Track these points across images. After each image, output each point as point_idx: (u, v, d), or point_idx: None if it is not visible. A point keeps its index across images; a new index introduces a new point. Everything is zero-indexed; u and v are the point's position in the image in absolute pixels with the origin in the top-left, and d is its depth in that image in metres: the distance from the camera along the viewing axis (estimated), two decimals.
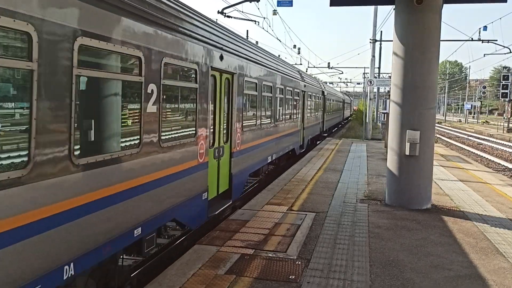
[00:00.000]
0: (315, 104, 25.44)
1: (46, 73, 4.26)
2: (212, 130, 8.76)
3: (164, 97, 6.70)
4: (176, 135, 7.32)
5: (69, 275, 4.64)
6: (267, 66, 13.38)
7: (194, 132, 7.76)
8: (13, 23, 3.85)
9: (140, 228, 6.02)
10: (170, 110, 7.28)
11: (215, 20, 10.92)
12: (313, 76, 38.90)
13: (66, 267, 4.61)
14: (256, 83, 12.00)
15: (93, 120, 5.31)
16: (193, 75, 7.75)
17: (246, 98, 11.11)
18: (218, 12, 21.95)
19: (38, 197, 4.23)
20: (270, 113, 14.04)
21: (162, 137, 6.59)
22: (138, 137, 6.00)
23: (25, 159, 4.14)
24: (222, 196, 9.65)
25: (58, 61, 4.43)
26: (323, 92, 29.32)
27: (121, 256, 6.29)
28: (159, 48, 6.39)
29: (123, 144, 5.88)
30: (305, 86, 20.86)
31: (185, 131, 7.64)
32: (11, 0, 3.83)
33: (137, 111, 6.05)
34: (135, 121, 6.06)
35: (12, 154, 4.29)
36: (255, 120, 12.17)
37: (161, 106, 6.51)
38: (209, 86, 8.30)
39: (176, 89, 7.52)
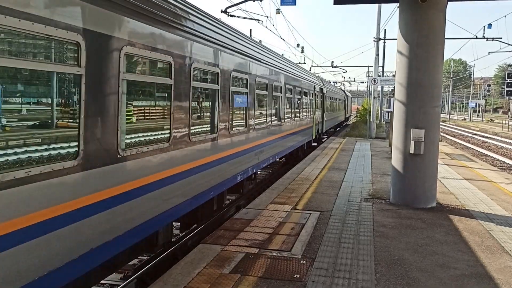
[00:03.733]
0: (306, 103, 21.51)
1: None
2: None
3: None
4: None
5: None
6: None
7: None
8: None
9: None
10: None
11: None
12: (310, 71, 35.39)
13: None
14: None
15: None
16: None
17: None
18: (222, 11, 21.95)
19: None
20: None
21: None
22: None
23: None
24: None
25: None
26: (321, 89, 26.64)
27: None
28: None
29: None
30: (286, 78, 15.84)
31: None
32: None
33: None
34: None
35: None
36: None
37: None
38: None
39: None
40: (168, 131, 6.79)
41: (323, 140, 28.91)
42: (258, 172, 15.44)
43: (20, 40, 4.21)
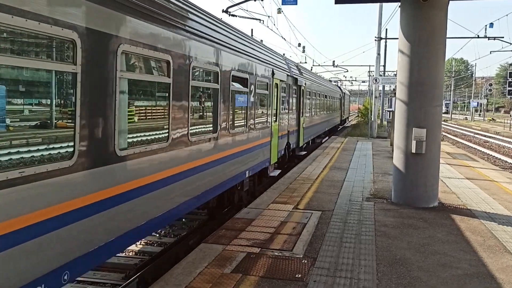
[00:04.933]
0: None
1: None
2: None
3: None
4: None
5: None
6: None
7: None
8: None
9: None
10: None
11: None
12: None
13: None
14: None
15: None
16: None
17: None
18: (223, 11, 21.93)
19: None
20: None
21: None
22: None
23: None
24: None
25: None
26: (295, 80, 17.57)
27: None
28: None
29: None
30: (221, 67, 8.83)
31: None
32: None
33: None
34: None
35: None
36: None
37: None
38: None
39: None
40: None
41: (302, 154, 20.12)
42: None
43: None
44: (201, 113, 8.60)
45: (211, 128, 8.65)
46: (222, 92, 9.00)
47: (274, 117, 13.96)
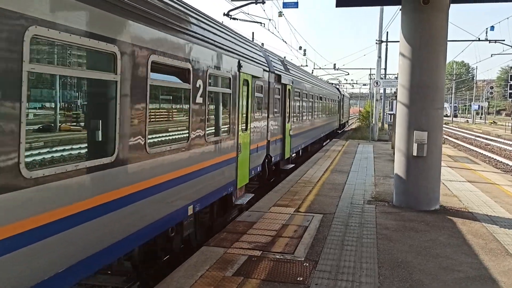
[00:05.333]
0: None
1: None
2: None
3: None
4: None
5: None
6: None
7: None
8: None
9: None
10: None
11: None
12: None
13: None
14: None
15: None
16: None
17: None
18: (224, 14, 21.97)
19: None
20: None
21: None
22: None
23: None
24: None
25: None
26: (277, 78, 14.33)
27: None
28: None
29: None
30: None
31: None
32: None
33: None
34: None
35: None
36: None
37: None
38: None
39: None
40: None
41: (289, 167, 16.35)
42: None
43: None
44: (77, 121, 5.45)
45: (104, 148, 5.36)
46: (129, 87, 5.60)
47: (244, 125, 10.60)
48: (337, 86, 49.13)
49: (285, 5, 22.73)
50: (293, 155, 17.61)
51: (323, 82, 34.70)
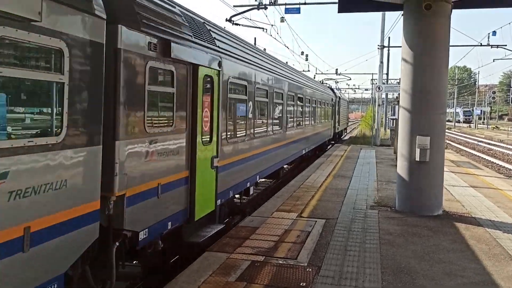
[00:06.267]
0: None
1: None
2: None
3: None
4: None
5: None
6: None
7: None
8: None
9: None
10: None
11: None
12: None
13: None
14: None
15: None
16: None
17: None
18: (226, 20, 22.07)
19: None
20: None
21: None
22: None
23: None
24: None
25: None
26: (165, 43, 6.64)
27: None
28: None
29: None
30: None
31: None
32: None
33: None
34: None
35: None
36: None
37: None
38: None
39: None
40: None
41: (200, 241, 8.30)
42: None
43: None
44: None
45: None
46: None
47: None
48: (332, 87, 39.64)
49: (287, 11, 22.83)
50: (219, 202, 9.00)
51: (308, 79, 24.24)
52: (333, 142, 34.14)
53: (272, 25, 25.49)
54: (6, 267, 4.00)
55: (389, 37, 37.27)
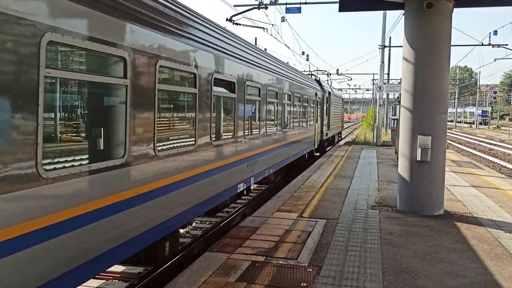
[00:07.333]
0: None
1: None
2: None
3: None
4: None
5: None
6: None
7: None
8: None
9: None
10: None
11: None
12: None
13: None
14: None
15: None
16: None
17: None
18: (227, 19, 22.03)
19: None
20: None
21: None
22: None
23: None
24: None
25: None
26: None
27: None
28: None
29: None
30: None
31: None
32: None
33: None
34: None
35: None
36: None
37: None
38: None
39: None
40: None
41: None
42: None
43: None
44: None
45: None
46: None
47: None
48: (320, 79, 29.03)
49: (288, 10, 22.81)
50: None
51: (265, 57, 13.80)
52: (317, 154, 24.30)
53: (272, 25, 25.48)
54: None
55: (390, 37, 37.27)
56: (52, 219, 4.40)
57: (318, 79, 28.48)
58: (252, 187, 14.23)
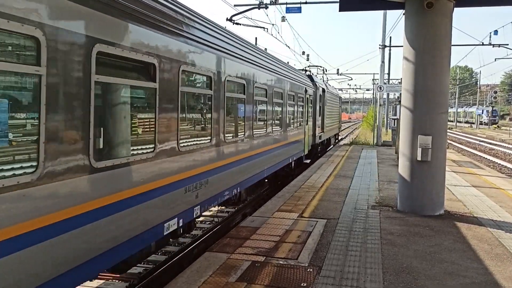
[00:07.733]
0: None
1: None
2: None
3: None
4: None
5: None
6: None
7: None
8: None
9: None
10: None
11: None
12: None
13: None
14: None
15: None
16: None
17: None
18: (227, 19, 22.02)
19: None
20: None
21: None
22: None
23: None
24: None
25: None
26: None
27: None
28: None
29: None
30: None
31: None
32: None
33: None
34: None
35: None
36: None
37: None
38: None
39: None
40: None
41: None
42: None
43: None
44: None
45: None
46: None
47: None
48: (312, 75, 25.63)
49: (288, 10, 22.79)
50: None
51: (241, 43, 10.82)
52: (308, 161, 20.87)
53: (273, 25, 25.46)
54: None
55: (390, 37, 37.24)
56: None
57: (310, 74, 25.30)
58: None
